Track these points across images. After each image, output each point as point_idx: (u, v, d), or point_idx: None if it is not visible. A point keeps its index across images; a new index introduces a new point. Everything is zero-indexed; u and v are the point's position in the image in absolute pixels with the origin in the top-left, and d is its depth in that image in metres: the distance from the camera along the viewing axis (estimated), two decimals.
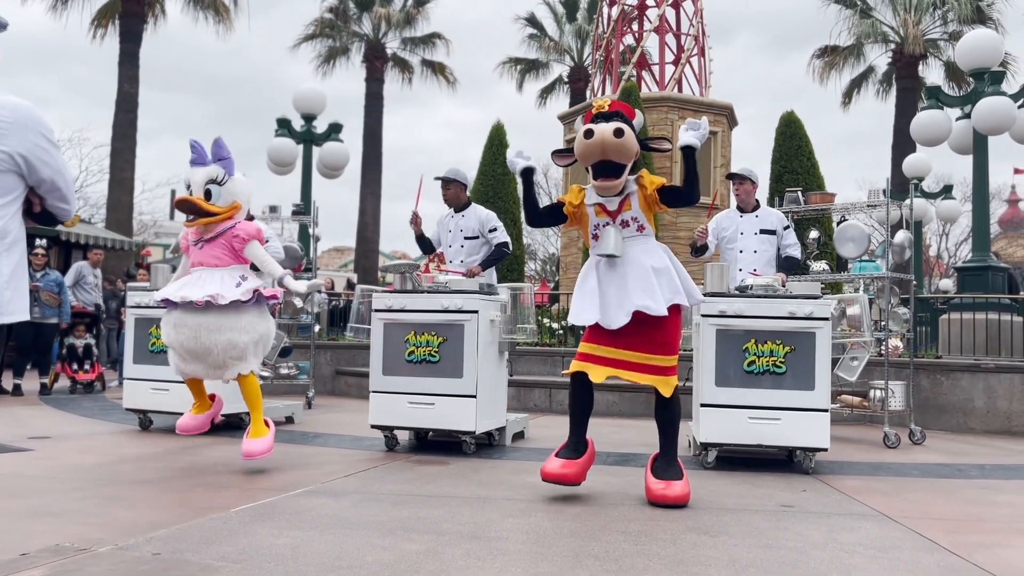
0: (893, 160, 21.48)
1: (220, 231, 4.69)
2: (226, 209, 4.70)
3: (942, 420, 7.79)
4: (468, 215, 6.56)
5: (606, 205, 4.08)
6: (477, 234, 6.51)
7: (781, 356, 4.93)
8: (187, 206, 4.65)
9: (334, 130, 13.01)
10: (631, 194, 4.06)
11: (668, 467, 4.07)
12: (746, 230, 6.44)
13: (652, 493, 3.98)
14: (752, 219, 6.47)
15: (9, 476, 4.37)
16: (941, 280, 28.76)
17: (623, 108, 4.02)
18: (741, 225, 6.47)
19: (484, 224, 6.50)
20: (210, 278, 4.62)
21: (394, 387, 5.43)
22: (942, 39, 23.01)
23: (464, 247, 6.52)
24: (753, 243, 6.41)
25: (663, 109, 13.32)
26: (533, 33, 28.77)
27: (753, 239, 6.41)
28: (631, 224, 4.09)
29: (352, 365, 10.53)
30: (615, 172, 3.90)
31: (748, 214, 6.49)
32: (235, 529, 3.28)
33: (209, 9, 22.06)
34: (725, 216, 6.63)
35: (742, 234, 6.44)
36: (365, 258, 25.10)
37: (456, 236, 6.56)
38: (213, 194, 4.66)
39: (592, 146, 3.80)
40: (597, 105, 4.03)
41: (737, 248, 6.42)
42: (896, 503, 4.22)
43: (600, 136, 3.76)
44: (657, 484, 3.98)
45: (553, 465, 4.02)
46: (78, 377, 9.63)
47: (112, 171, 20.67)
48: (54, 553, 2.86)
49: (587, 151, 3.84)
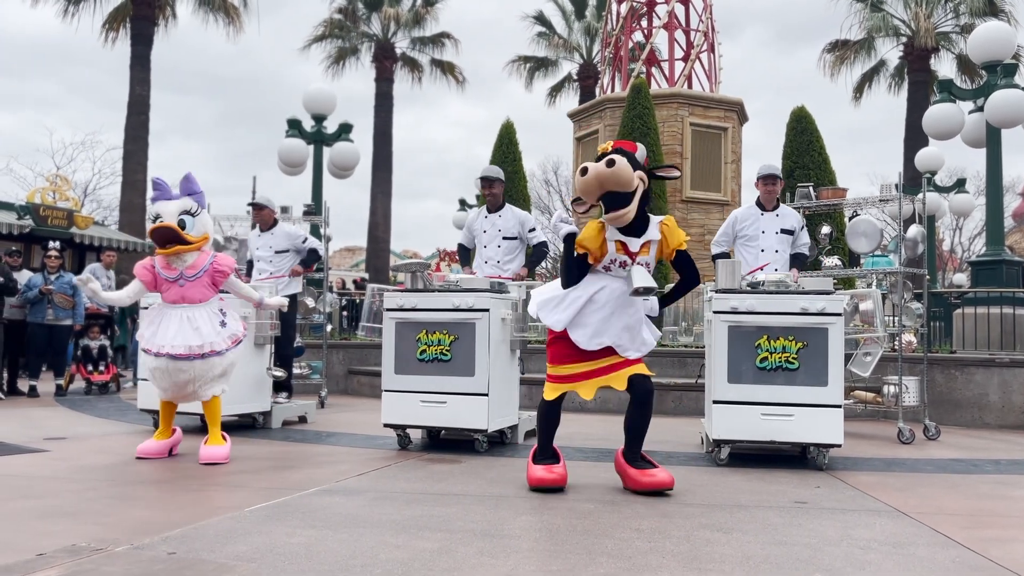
0: (905, 154, 21.36)
1: (203, 268, 4.95)
2: (200, 239, 4.97)
3: (956, 415, 7.74)
4: (505, 215, 6.57)
5: (628, 245, 4.19)
6: (516, 234, 6.52)
7: (794, 352, 4.91)
8: (166, 233, 4.79)
9: (344, 130, 13.04)
10: (652, 241, 4.23)
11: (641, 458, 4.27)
12: (767, 229, 6.35)
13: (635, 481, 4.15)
14: (773, 218, 6.39)
15: (25, 477, 4.41)
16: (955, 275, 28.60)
17: (624, 146, 4.19)
18: (763, 223, 6.38)
19: (524, 224, 6.53)
20: (199, 319, 4.88)
21: (406, 386, 5.45)
22: (954, 32, 22.86)
23: (502, 247, 6.52)
24: (774, 242, 6.34)
25: (673, 106, 13.27)
26: (542, 31, 28.75)
27: (774, 238, 6.34)
28: (644, 267, 4.23)
29: (364, 364, 10.56)
30: (622, 202, 4.01)
31: (769, 212, 6.40)
32: (249, 528, 3.29)
33: (219, 11, 22.17)
34: (746, 213, 6.52)
35: (763, 232, 6.35)
36: (376, 257, 25.16)
37: (493, 236, 6.55)
38: (187, 224, 4.86)
39: (588, 182, 3.99)
40: (601, 150, 4.22)
41: (759, 247, 6.33)
42: (911, 499, 4.20)
43: (593, 170, 3.96)
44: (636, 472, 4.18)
45: (540, 472, 4.20)
46: (93, 378, 9.70)
47: (124, 173, 20.80)
48: (70, 553, 2.89)
49: (586, 187, 4.03)
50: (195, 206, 4.88)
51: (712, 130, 13.48)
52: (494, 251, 6.52)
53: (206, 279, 4.95)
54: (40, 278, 9.34)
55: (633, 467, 4.21)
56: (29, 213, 13.16)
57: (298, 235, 7.75)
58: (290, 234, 7.73)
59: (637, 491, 4.14)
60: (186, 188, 4.92)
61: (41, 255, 10.09)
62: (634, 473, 4.19)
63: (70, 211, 13.90)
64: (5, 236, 12.33)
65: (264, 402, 6.74)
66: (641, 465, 4.21)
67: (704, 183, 13.24)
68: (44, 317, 9.27)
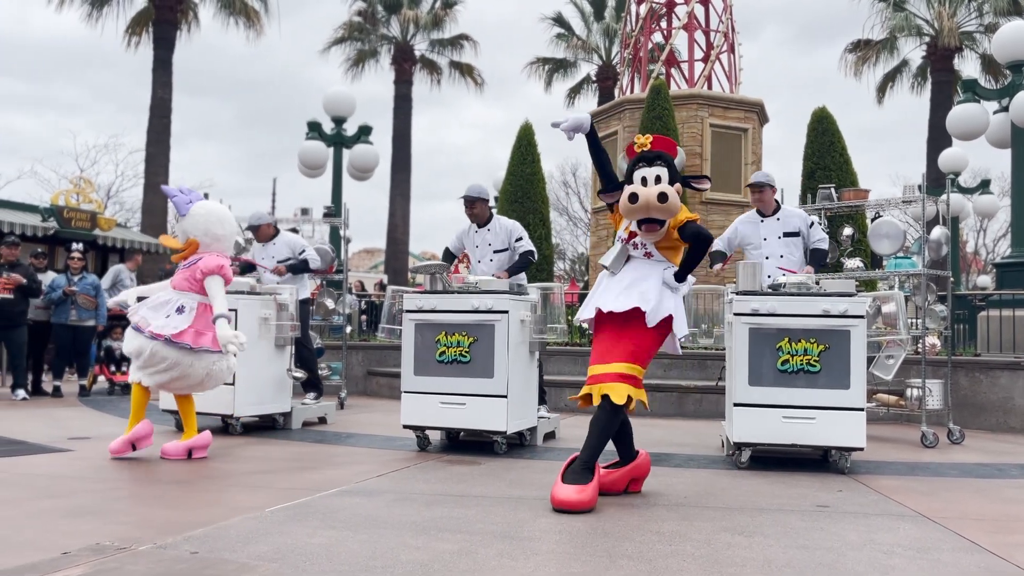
0: (928, 155, 21.14)
1: (191, 262, 5.18)
2: (186, 246, 5.21)
3: (981, 419, 7.64)
4: (494, 228, 6.61)
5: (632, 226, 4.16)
6: (506, 246, 6.55)
7: (815, 355, 4.87)
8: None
9: (363, 132, 13.10)
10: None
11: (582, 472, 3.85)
12: (769, 235, 6.31)
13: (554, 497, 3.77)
14: (773, 223, 6.33)
15: (50, 476, 4.46)
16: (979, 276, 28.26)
17: (665, 146, 4.14)
18: (763, 230, 6.34)
19: (511, 235, 6.55)
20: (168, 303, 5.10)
21: (425, 387, 5.46)
22: (978, 31, 22.62)
23: (494, 260, 6.57)
24: (778, 247, 6.27)
25: (692, 107, 13.22)
26: (560, 32, 28.72)
27: (777, 243, 6.27)
28: (640, 247, 4.19)
29: (383, 365, 10.60)
30: (659, 223, 4.02)
31: (769, 218, 6.35)
32: (270, 529, 3.31)
33: (240, 15, 22.32)
34: (746, 222, 6.47)
35: (765, 239, 6.31)
36: (395, 259, 25.25)
37: (485, 250, 6.60)
38: (179, 234, 5.29)
39: (636, 209, 3.95)
40: (639, 143, 4.16)
41: (763, 254, 6.27)
42: (935, 503, 4.16)
43: (645, 202, 3.89)
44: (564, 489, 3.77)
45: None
46: (116, 379, 9.81)
47: (147, 175, 21.00)
48: (94, 552, 2.91)
49: (631, 213, 4.00)
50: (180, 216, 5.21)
51: (732, 131, 13.42)
52: (487, 264, 6.58)
53: (188, 273, 5.14)
54: (63, 279, 9.45)
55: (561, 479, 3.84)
56: (53, 215, 13.32)
57: (299, 244, 7.77)
58: (290, 243, 7.76)
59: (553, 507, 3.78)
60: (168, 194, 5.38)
61: (65, 257, 10.21)
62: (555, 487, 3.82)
63: (93, 213, 14.05)
64: (30, 238, 12.49)
65: (284, 403, 6.78)
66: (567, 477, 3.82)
67: (724, 184, 13.17)
68: (68, 318, 9.38)
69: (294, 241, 7.85)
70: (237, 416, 6.25)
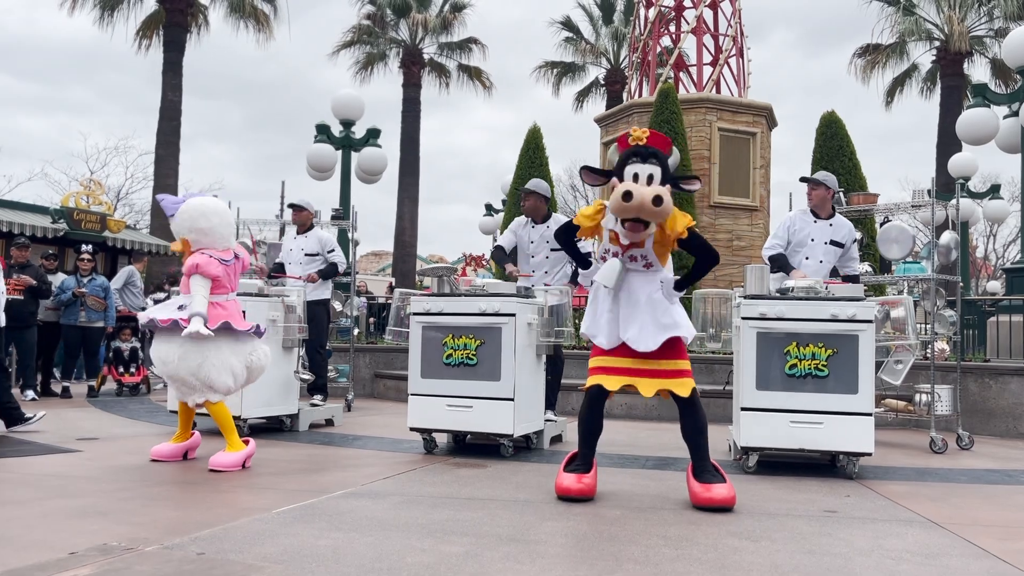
0: (938, 159, 21.07)
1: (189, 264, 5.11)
2: (182, 246, 5.14)
3: (991, 425, 7.60)
4: (553, 227, 6.56)
5: (620, 236, 4.02)
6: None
7: (823, 359, 4.85)
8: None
9: (372, 135, 13.12)
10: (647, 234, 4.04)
11: (708, 471, 4.04)
12: (817, 237, 6.13)
13: (696, 496, 3.97)
14: (826, 227, 6.16)
15: (58, 476, 4.48)
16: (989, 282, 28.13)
17: (660, 143, 4.03)
18: (813, 232, 6.15)
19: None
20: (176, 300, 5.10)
21: (432, 390, 5.46)
22: (988, 36, 22.54)
23: (549, 258, 6.55)
24: (820, 252, 6.11)
25: (701, 110, 13.21)
26: (569, 36, 28.75)
27: (821, 248, 6.12)
28: (639, 260, 4.10)
29: (391, 368, 10.61)
30: (645, 224, 3.89)
31: (822, 220, 6.18)
32: (277, 530, 3.32)
33: (250, 18, 22.42)
34: (800, 217, 6.27)
35: (812, 240, 6.13)
36: (403, 262, 25.27)
37: (540, 247, 6.56)
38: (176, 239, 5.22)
39: (628, 209, 3.76)
40: (635, 136, 4.04)
41: (803, 255, 6.12)
42: (944, 509, 4.13)
43: (639, 203, 3.71)
44: (698, 486, 3.98)
45: (569, 480, 4.05)
46: (124, 380, 9.85)
47: (156, 177, 21.10)
48: (102, 552, 2.92)
49: (623, 211, 3.80)
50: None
51: (741, 135, 13.39)
52: (541, 261, 6.55)
53: (185, 276, 5.10)
54: (73, 281, 9.50)
55: (696, 480, 4.01)
56: (63, 217, 13.38)
57: (329, 242, 7.85)
58: (322, 239, 7.84)
59: (698, 507, 3.95)
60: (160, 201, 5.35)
61: (75, 258, 10.25)
62: (695, 488, 3.98)
63: (103, 215, 14.10)
64: (40, 239, 12.55)
65: (292, 405, 6.79)
66: (705, 478, 3.98)
67: (732, 188, 13.15)
68: (77, 319, 9.42)
69: (325, 238, 7.88)
70: (244, 418, 6.26)
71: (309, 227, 7.88)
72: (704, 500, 3.92)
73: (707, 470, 4.03)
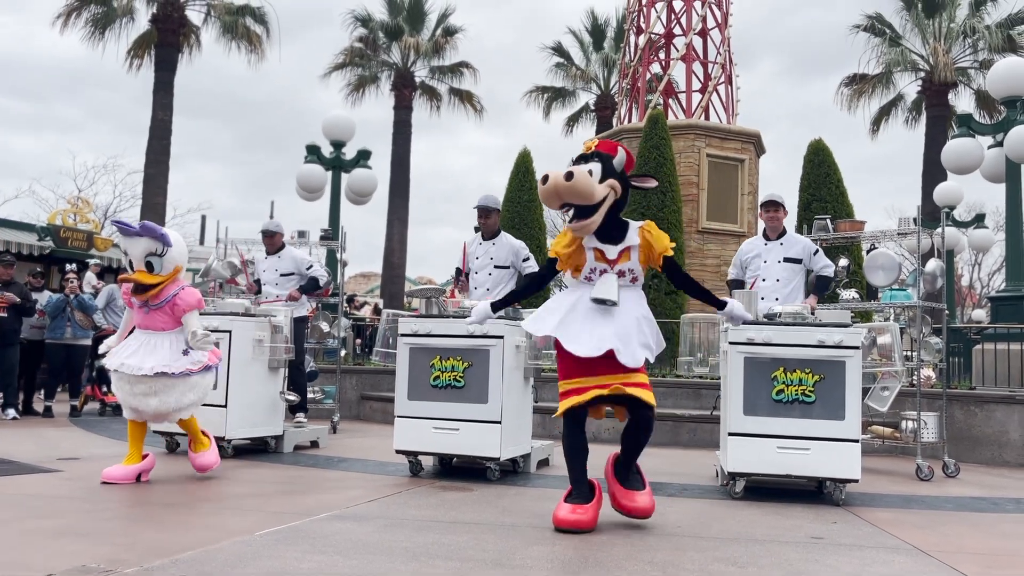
0: (924, 188, 21.26)
1: (166, 298, 5.00)
2: (169, 275, 5.04)
3: (976, 452, 7.62)
4: (499, 243, 6.57)
5: (606, 253, 4.07)
6: (508, 263, 6.52)
7: (810, 385, 4.86)
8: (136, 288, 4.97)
9: (362, 157, 13.15)
10: (632, 247, 4.09)
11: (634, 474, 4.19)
12: (770, 258, 6.33)
13: (616, 500, 4.13)
14: (776, 247, 6.36)
15: (38, 496, 4.42)
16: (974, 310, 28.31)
17: (605, 147, 4.12)
18: (765, 253, 6.37)
19: (518, 254, 6.53)
20: (159, 344, 4.98)
21: (419, 412, 5.43)
22: (972, 67, 22.84)
23: (492, 275, 6.52)
24: (776, 271, 6.29)
25: (690, 137, 13.31)
26: (560, 62, 28.94)
27: (776, 267, 6.30)
28: (626, 275, 4.12)
29: (377, 390, 10.55)
30: (588, 212, 3.93)
31: (772, 242, 6.39)
32: (260, 552, 3.28)
33: (242, 39, 22.48)
34: (748, 243, 6.55)
35: (765, 262, 6.34)
36: (391, 283, 25.22)
37: (485, 263, 6.55)
38: (155, 266, 4.97)
39: (547, 191, 3.88)
40: (585, 146, 4.16)
41: (760, 276, 6.31)
42: (930, 536, 4.13)
43: (553, 181, 3.83)
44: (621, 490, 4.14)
45: (565, 512, 3.95)
46: (107, 399, 9.74)
47: (145, 196, 21.03)
48: (81, 573, 2.88)
49: (545, 196, 3.94)
50: (160, 247, 4.95)
51: (729, 161, 13.50)
52: (484, 278, 6.52)
53: (168, 309, 5.00)
54: (60, 299, 9.43)
55: (620, 484, 4.17)
56: (50, 234, 13.33)
57: (304, 260, 7.90)
58: (296, 258, 7.88)
59: (615, 509, 4.14)
60: (151, 231, 4.98)
61: (60, 277, 10.20)
62: (618, 491, 4.15)
63: (90, 233, 14.07)
64: (26, 257, 12.48)
65: (277, 426, 6.73)
66: (629, 484, 4.15)
67: (721, 214, 13.23)
68: (63, 335, 9.34)
69: (299, 256, 7.90)
70: (229, 439, 6.20)
71: (280, 247, 7.88)
72: (628, 509, 4.09)
73: (634, 473, 4.19)
